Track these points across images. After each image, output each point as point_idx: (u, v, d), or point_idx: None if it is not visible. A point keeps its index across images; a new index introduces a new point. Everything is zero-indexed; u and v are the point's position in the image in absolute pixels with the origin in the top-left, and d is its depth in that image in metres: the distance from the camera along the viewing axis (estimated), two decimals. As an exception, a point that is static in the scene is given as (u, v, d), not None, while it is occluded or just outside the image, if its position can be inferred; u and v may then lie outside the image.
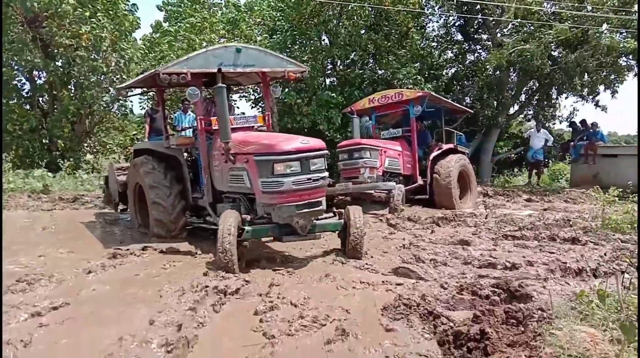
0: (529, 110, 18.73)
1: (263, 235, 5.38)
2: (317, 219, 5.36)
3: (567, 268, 5.38)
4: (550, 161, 18.52)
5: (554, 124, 19.18)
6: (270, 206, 5.17)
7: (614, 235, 7.10)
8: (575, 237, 7.01)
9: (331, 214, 5.68)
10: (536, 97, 17.94)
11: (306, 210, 5.02)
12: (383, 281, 4.83)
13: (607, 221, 7.65)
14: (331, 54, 15.64)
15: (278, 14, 16.02)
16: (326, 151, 5.18)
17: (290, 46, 16.00)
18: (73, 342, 3.28)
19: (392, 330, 3.62)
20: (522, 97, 18.18)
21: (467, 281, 4.85)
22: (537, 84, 17.14)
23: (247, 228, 5.11)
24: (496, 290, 4.48)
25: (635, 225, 7.29)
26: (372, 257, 5.86)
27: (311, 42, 15.89)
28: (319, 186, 5.06)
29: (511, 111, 18.03)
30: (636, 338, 2.84)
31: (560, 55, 15.06)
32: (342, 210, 5.65)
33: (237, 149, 5.55)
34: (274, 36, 16.53)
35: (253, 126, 6.51)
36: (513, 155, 20.26)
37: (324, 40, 16.92)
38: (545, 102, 18.03)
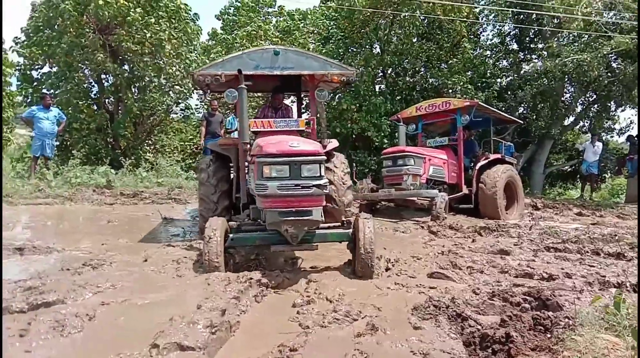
0: (585, 122, 18.18)
1: (249, 242, 5.12)
2: (319, 228, 5.08)
3: (606, 282, 5.36)
4: (605, 175, 17.91)
5: (612, 136, 18.54)
6: (262, 210, 5.03)
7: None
8: (620, 252, 6.89)
9: (339, 223, 5.43)
10: (593, 109, 17.41)
11: (292, 218, 4.64)
12: (417, 285, 5.02)
13: (656, 238, 7.45)
14: (382, 62, 15.85)
15: (331, 23, 16.40)
16: (322, 157, 4.75)
17: (342, 53, 16.33)
18: (130, 319, 3.69)
19: (420, 328, 3.82)
20: (578, 109, 17.68)
21: (500, 288, 4.97)
22: (594, 96, 16.63)
23: (231, 235, 5.00)
24: (527, 298, 4.58)
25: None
26: (407, 263, 6.05)
27: (363, 50, 16.15)
28: (309, 194, 4.62)
29: (566, 122, 17.57)
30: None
31: (619, 67, 14.60)
32: (352, 219, 5.35)
33: (253, 151, 5.50)
34: (327, 44, 16.93)
35: (295, 130, 6.37)
36: (567, 167, 19.69)
37: (375, 48, 17.16)
38: (603, 114, 17.46)
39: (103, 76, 14.61)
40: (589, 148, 14.75)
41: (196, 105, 17.62)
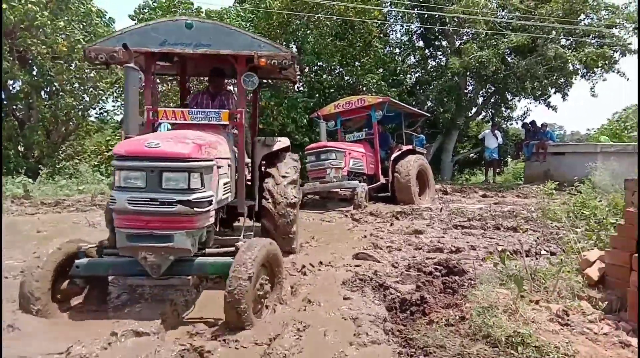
0: (487, 112, 19.92)
1: (100, 271, 3.90)
2: (195, 256, 3.84)
3: (503, 250, 6.26)
4: (506, 160, 19.74)
5: (511, 124, 20.45)
6: None
7: (551, 223, 8.03)
8: (517, 226, 7.93)
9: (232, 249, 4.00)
10: (492, 100, 19.13)
11: (143, 244, 3.56)
12: (344, 265, 5.63)
13: (546, 212, 8.59)
14: (300, 61, 16.41)
15: (248, 24, 16.72)
16: (193, 164, 3.61)
17: (259, 53, 16.59)
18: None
19: (349, 299, 4.40)
20: (480, 100, 19.33)
21: (415, 261, 5.69)
22: (493, 88, 18.30)
23: (78, 261, 3.82)
24: (438, 267, 5.34)
25: (569, 214, 8.22)
26: (334, 247, 6.64)
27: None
28: (170, 212, 3.52)
29: (470, 113, 19.14)
30: (524, 288, 3.71)
31: (513, 61, 16.23)
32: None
33: None
34: (244, 44, 17.05)
35: (216, 125, 5.08)
36: (472, 155, 21.43)
37: (292, 47, 17.70)
38: (501, 105, 19.22)
39: (10, 82, 13.95)
40: (488, 136, 16.26)
41: (113, 106, 17.16)
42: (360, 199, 9.54)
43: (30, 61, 13.53)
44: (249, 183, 5.77)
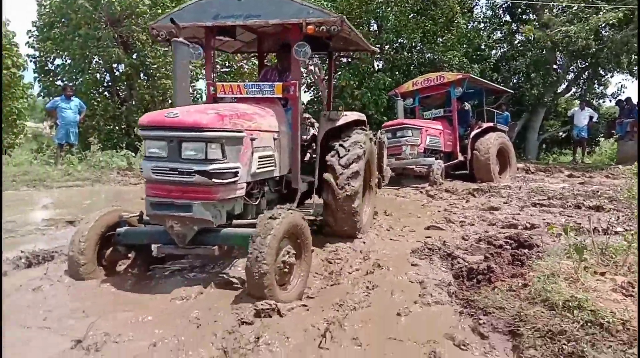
0: (577, 89, 18.86)
1: (137, 239, 4.07)
2: (227, 226, 3.89)
3: (580, 228, 6.21)
4: (598, 139, 18.65)
5: (604, 101, 19.23)
6: None
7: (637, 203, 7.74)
8: (599, 205, 7.73)
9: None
10: (584, 76, 18.07)
11: (163, 212, 3.65)
12: (415, 236, 5.90)
13: (632, 192, 8.25)
14: (380, 40, 16.49)
15: (328, 4, 17.00)
16: (210, 134, 3.55)
17: (340, 33, 16.85)
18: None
19: (416, 265, 4.69)
20: (570, 76, 18.33)
21: (486, 235, 5.83)
22: (584, 64, 17.28)
23: (119, 229, 4.00)
24: (508, 240, 5.45)
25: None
26: (407, 221, 6.90)
27: (361, 28, 16.78)
28: (188, 182, 3.56)
29: (559, 90, 18.23)
30: (591, 260, 3.80)
31: (607, 35, 15.24)
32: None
33: None
34: (325, 24, 17.35)
35: (271, 98, 4.99)
36: (561, 133, 20.44)
37: (373, 26, 17.78)
38: (593, 81, 18.12)
39: (114, 66, 15.36)
40: (577, 113, 15.46)
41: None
42: (436, 176, 9.66)
43: (132, 47, 14.83)
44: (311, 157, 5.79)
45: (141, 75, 15.93)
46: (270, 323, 3.14)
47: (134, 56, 14.99)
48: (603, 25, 15.24)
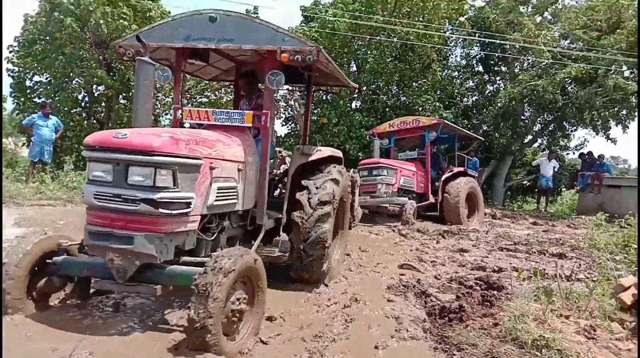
0: (543, 139, 19.77)
1: (75, 271, 3.65)
2: (175, 263, 3.50)
3: (545, 274, 6.52)
4: (560, 189, 19.46)
5: (567, 154, 20.18)
6: None
7: (597, 253, 8.14)
8: (562, 253, 8.10)
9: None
10: (549, 128, 18.99)
11: (101, 243, 3.27)
12: (389, 273, 6.09)
13: (593, 241, 8.69)
14: (359, 80, 17.04)
15: (313, 42, 17.48)
16: (160, 159, 3.22)
17: (321, 71, 17.39)
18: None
19: (392, 301, 4.87)
20: (537, 127, 19.23)
21: (457, 275, 6.06)
22: (551, 116, 18.21)
23: (55, 258, 3.60)
24: (478, 282, 5.68)
25: (615, 245, 8.30)
26: (381, 258, 7.09)
27: (342, 68, 17.34)
28: (132, 211, 3.22)
29: (525, 140, 19.07)
30: (557, 304, 4.05)
31: (572, 91, 16.17)
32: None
33: None
34: (307, 61, 17.87)
35: (240, 126, 4.73)
36: (526, 182, 21.25)
37: (352, 67, 18.38)
38: (559, 133, 19.06)
39: (94, 86, 15.38)
40: (545, 163, 16.16)
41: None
42: (408, 215, 9.93)
43: (115, 69, 14.92)
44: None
45: (121, 97, 15.96)
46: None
47: (116, 78, 15.06)
48: (569, 81, 16.17)
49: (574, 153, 20.27)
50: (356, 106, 17.85)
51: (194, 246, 3.77)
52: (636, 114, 17.08)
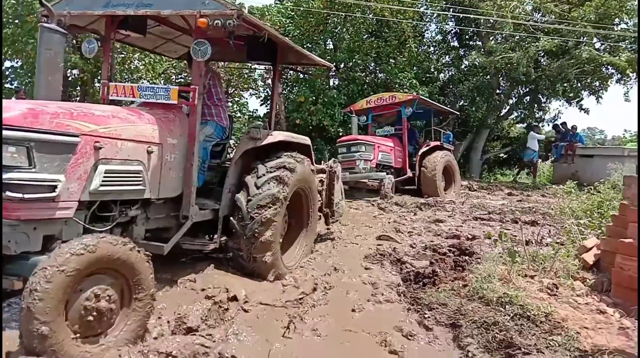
0: (519, 112, 20.11)
1: None
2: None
3: (518, 240, 6.82)
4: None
5: (542, 126, 20.55)
6: None
7: (568, 219, 8.49)
8: (534, 220, 8.42)
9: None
10: (524, 101, 19.34)
11: None
12: (368, 244, 6.32)
13: (564, 209, 9.05)
14: (336, 58, 17.07)
15: (287, 20, 17.44)
16: (11, 133, 2.78)
17: (298, 49, 17.36)
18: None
19: (369, 269, 5.11)
20: (512, 101, 19.56)
21: (432, 243, 6.33)
22: (526, 89, 18.52)
23: None
24: (452, 248, 5.96)
25: (585, 212, 8.65)
26: (360, 230, 7.32)
27: (318, 46, 17.33)
28: None
29: (502, 113, 19.40)
30: (517, 260, 4.33)
31: (545, 63, 16.47)
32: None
33: None
34: (284, 40, 17.82)
35: (166, 104, 4.21)
36: (502, 154, 21.66)
37: (329, 44, 18.39)
38: (534, 105, 19.41)
39: (69, 71, 15.13)
40: (532, 137, 16.44)
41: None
42: (386, 189, 10.17)
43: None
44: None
45: (95, 81, 15.75)
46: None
47: (90, 61, 14.84)
48: (542, 54, 16.45)
49: (548, 125, 20.69)
50: (334, 83, 17.91)
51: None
52: (608, 84, 17.55)
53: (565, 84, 16.42)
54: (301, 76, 17.35)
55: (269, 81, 17.59)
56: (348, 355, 3.11)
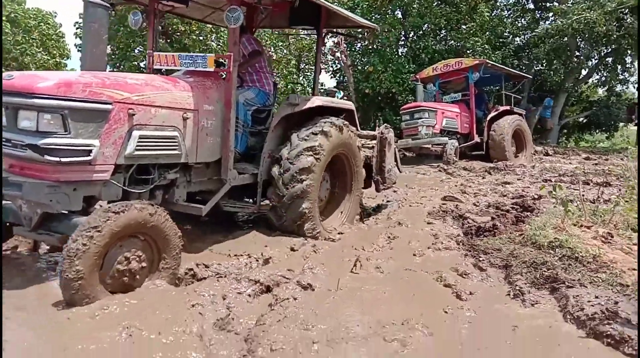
0: (600, 74, 19.08)
1: (6, 217, 3.48)
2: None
3: (584, 199, 6.88)
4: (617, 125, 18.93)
5: (627, 87, 19.41)
6: None
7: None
8: (607, 182, 8.31)
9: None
10: (607, 62, 18.31)
11: (5, 190, 3.13)
12: (432, 204, 6.68)
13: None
14: (405, 26, 17.10)
15: (356, -4, 17.57)
16: (45, 102, 2.99)
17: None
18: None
19: (432, 223, 5.49)
20: (592, 63, 18.59)
21: (495, 202, 6.57)
22: (607, 50, 17.54)
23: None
24: (514, 206, 6.19)
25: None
26: (426, 192, 7.66)
27: (387, 17, 17.41)
28: (23, 157, 3.11)
29: (580, 76, 18.53)
30: (570, 209, 4.55)
31: (629, 21, 15.48)
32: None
33: None
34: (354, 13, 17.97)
35: (204, 71, 4.23)
36: (582, 119, 20.73)
37: (397, 14, 18.38)
38: (617, 66, 18.34)
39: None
40: None
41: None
42: (449, 155, 10.34)
43: (171, 36, 15.87)
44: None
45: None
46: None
47: (175, 46, 15.96)
48: (626, 11, 15.47)
49: (634, 86, 19.48)
50: (402, 52, 17.95)
51: (119, 198, 3.50)
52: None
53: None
54: (370, 46, 17.55)
55: (337, 54, 17.94)
56: (406, 287, 3.57)
